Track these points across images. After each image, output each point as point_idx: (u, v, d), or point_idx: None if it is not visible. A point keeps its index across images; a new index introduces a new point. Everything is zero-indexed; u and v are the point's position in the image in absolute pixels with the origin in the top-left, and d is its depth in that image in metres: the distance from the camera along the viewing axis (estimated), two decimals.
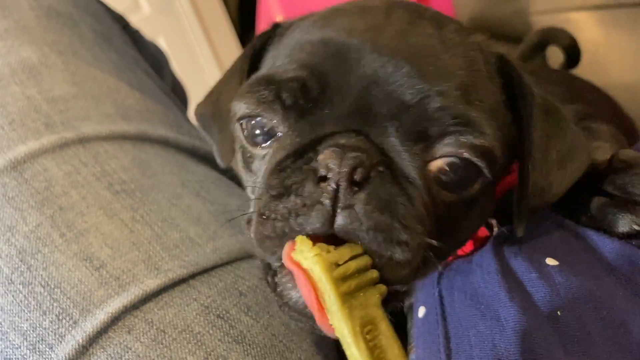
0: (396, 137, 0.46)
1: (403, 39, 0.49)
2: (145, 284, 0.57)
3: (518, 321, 0.48)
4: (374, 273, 0.44)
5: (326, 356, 0.62)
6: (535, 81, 0.54)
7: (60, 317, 0.55)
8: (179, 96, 1.06)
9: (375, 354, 0.39)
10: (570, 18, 1.14)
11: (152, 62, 1.00)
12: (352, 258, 0.43)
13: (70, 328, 0.54)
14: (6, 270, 0.57)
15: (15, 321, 0.55)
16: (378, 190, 0.44)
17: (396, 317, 0.65)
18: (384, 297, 0.43)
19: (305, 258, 0.42)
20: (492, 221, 0.62)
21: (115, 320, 0.55)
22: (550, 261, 0.52)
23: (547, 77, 0.96)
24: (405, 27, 0.51)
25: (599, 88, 1.01)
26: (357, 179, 0.43)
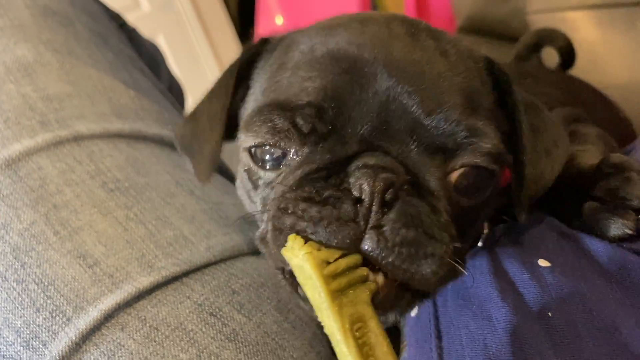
0: (416, 153, 0.47)
1: (410, 54, 0.50)
2: (138, 282, 0.58)
3: (509, 321, 0.48)
4: (364, 271, 0.44)
5: (318, 353, 0.63)
6: (527, 83, 0.56)
7: (53, 314, 0.55)
8: (176, 95, 1.07)
9: (364, 351, 0.39)
10: (566, 17, 1.14)
11: (149, 61, 1.00)
12: (343, 256, 0.43)
13: (63, 325, 0.55)
14: (0, 267, 0.57)
15: (9, 318, 0.55)
16: (406, 208, 0.45)
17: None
18: (374, 294, 0.44)
19: (295, 255, 0.42)
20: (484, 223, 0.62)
21: (108, 317, 0.55)
22: (542, 262, 0.52)
23: (543, 79, 0.97)
24: (409, 41, 0.52)
25: (595, 89, 1.01)
26: (388, 200, 0.44)
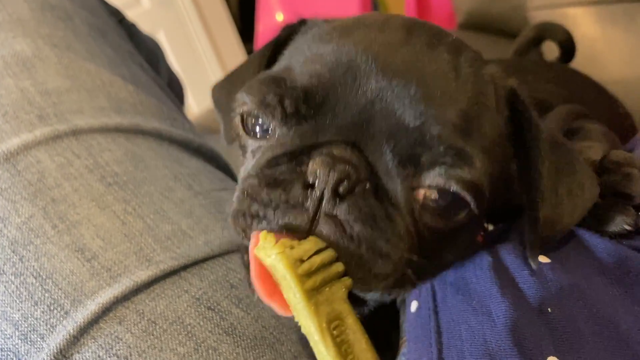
0: (389, 157, 0.47)
1: (415, 61, 0.49)
2: (136, 275, 0.58)
3: (509, 317, 0.49)
4: (340, 267, 0.43)
5: None
6: (528, 80, 0.54)
7: (51, 308, 0.55)
8: (175, 90, 1.07)
9: (342, 349, 0.38)
10: (567, 13, 1.14)
11: (148, 56, 1.00)
12: (316, 252, 0.42)
13: (61, 318, 0.55)
14: None
15: (7, 311, 0.55)
16: (359, 203, 0.45)
17: (390, 311, 0.65)
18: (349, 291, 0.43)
19: (268, 255, 0.41)
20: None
21: (106, 311, 0.56)
22: (542, 258, 0.52)
23: (544, 75, 0.96)
24: (421, 49, 0.50)
25: (596, 83, 1.01)
26: (341, 192, 0.45)
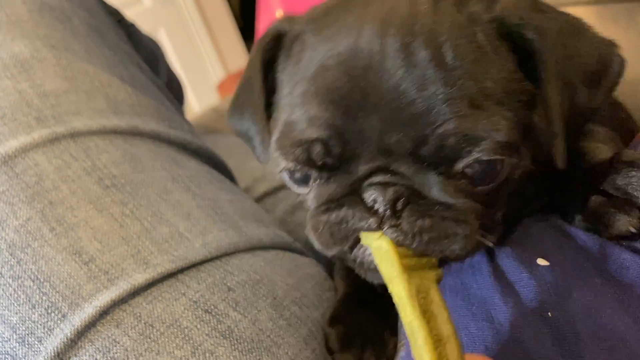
0: (419, 167, 0.50)
1: (406, 68, 0.49)
2: (134, 278, 0.58)
3: (509, 322, 0.49)
4: (433, 259, 0.49)
5: (313, 350, 0.63)
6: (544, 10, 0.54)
7: (49, 311, 0.55)
8: (174, 90, 1.07)
9: (426, 316, 0.42)
10: (568, 12, 1.14)
11: (147, 56, 1.00)
12: None
13: (59, 321, 0.55)
14: None
15: (4, 314, 0.56)
16: (417, 207, 0.49)
17: (389, 314, 0.65)
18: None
19: (374, 239, 0.48)
20: None
21: (103, 314, 0.56)
22: (541, 261, 0.52)
23: None
24: (400, 62, 0.50)
25: None
26: (399, 208, 0.49)
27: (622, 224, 0.50)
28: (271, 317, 0.62)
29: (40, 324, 0.55)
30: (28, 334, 0.55)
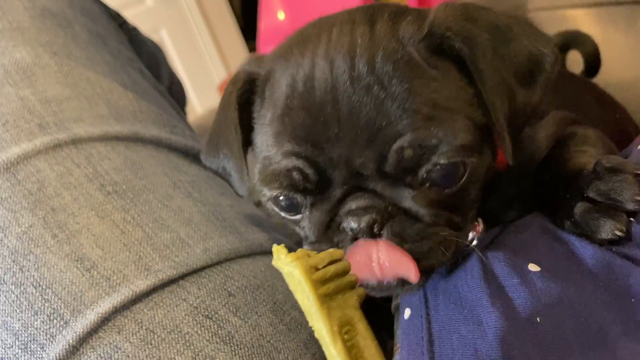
0: (387, 182, 0.54)
1: (356, 99, 0.53)
2: (135, 285, 0.58)
3: (499, 326, 0.49)
4: (353, 277, 0.45)
5: (314, 355, 0.63)
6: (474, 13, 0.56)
7: (51, 317, 0.56)
8: (176, 94, 1.07)
9: (352, 353, 0.40)
10: (567, 15, 1.14)
11: (149, 60, 1.00)
12: (331, 263, 0.44)
13: (61, 328, 0.55)
14: None
15: (7, 321, 0.56)
16: (392, 228, 0.54)
17: (384, 317, 0.66)
18: (363, 298, 0.45)
19: (285, 264, 0.44)
20: (479, 220, 0.63)
21: (105, 320, 0.56)
22: (532, 267, 0.52)
23: None
24: (352, 87, 0.54)
25: (595, 86, 1.01)
26: (376, 231, 0.54)
27: (608, 229, 0.50)
28: (271, 322, 0.62)
29: (42, 331, 0.56)
30: (30, 341, 0.55)
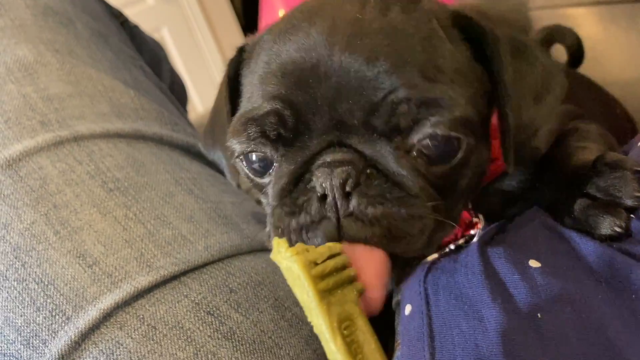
0: (374, 139, 0.50)
1: (355, 41, 0.50)
2: (137, 281, 0.59)
3: (500, 322, 0.49)
4: (352, 271, 0.45)
5: (315, 351, 0.63)
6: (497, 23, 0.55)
7: (53, 313, 0.56)
8: (177, 92, 1.07)
9: (352, 349, 0.40)
10: (568, 14, 1.14)
11: (151, 58, 1.01)
12: (330, 257, 0.45)
13: (63, 324, 0.56)
14: (1, 267, 0.58)
15: (9, 317, 0.56)
16: (366, 190, 0.49)
17: (385, 313, 0.66)
18: (361, 293, 0.45)
19: (284, 258, 0.44)
20: (479, 216, 0.63)
21: (107, 316, 0.56)
22: (533, 263, 0.52)
23: None
24: (352, 30, 0.51)
25: (594, 84, 1.01)
26: (349, 190, 0.49)
27: (607, 225, 0.50)
28: (273, 318, 0.62)
29: (44, 327, 0.56)
30: (32, 337, 0.56)
